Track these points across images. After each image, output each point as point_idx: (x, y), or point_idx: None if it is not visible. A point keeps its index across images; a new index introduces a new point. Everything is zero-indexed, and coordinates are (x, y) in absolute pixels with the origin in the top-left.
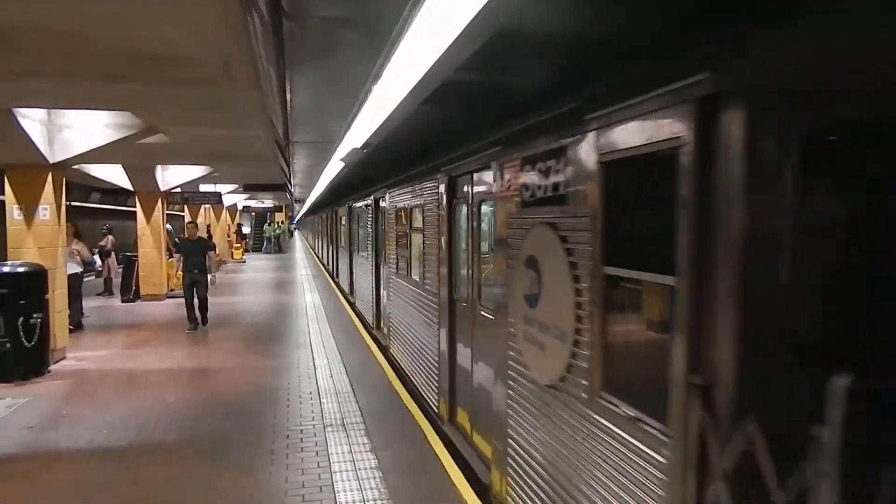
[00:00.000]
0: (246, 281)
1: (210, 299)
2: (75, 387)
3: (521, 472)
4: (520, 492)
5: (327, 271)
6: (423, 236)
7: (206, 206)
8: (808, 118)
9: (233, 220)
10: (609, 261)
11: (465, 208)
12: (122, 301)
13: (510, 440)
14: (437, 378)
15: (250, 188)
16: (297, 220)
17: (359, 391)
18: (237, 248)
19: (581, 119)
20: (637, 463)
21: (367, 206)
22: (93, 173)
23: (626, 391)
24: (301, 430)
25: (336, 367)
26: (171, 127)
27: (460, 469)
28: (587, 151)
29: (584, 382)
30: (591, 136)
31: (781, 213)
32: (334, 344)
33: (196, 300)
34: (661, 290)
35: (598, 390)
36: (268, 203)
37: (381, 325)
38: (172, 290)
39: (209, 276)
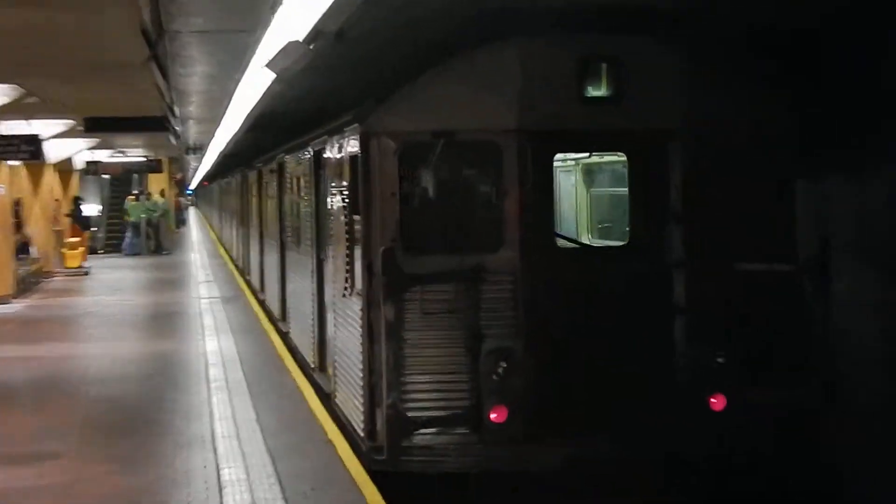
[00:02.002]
0: (84, 313)
1: (6, 348)
2: None
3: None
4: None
5: (251, 287)
6: None
7: (12, 162)
8: (400, 141)
9: (65, 189)
10: (353, 212)
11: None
12: None
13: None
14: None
15: (99, 126)
16: (192, 187)
17: None
18: (71, 248)
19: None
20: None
21: (301, 162)
22: None
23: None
24: None
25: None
26: None
27: None
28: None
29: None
30: (338, 142)
31: (392, 178)
32: (264, 444)
33: None
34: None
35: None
36: (135, 157)
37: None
38: None
39: None
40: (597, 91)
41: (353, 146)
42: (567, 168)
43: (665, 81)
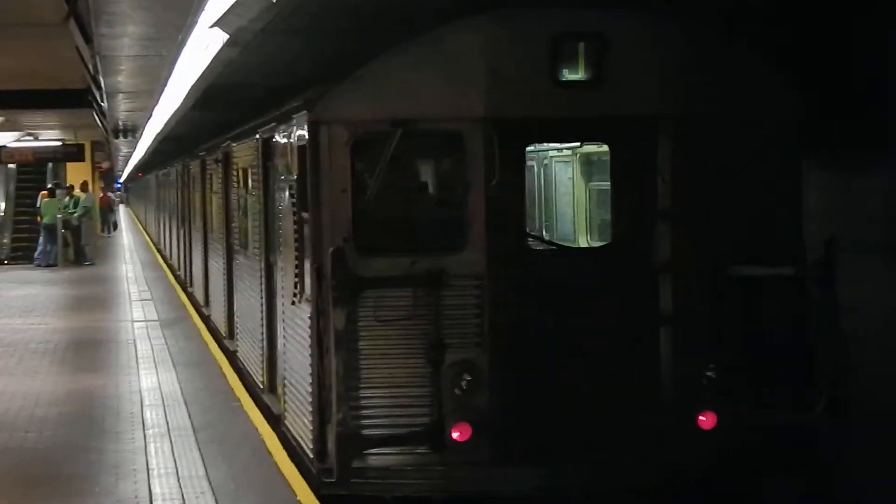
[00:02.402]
0: None
1: None
2: None
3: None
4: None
5: (193, 301)
6: None
7: None
8: (353, 130)
9: None
10: (302, 209)
11: None
12: None
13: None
14: None
15: (4, 101)
16: (123, 180)
17: None
18: None
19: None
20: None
21: (248, 152)
22: None
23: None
24: None
25: None
26: None
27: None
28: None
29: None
30: (286, 130)
31: (343, 170)
32: None
33: None
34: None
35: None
36: (49, 141)
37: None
38: None
39: None
40: (573, 74)
41: (301, 135)
42: (564, 158)
43: (652, 62)
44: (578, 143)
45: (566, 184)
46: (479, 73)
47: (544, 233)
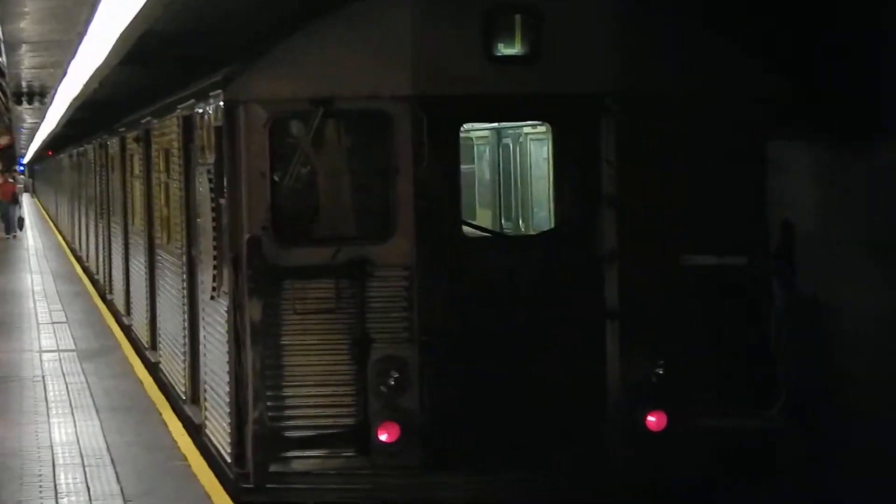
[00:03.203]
0: None
1: None
2: None
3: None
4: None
5: (112, 308)
6: None
7: None
8: (272, 110)
9: None
10: (220, 195)
11: None
12: None
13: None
14: None
15: None
16: (27, 160)
17: None
18: None
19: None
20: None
21: (169, 131)
22: None
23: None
24: None
25: None
26: None
27: None
28: (204, 120)
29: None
30: (204, 109)
31: (262, 153)
32: None
33: None
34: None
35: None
36: None
37: None
38: None
39: None
40: (509, 49)
41: (217, 115)
42: (538, 136)
43: (596, 36)
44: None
45: (542, 165)
46: (406, 48)
47: (521, 222)
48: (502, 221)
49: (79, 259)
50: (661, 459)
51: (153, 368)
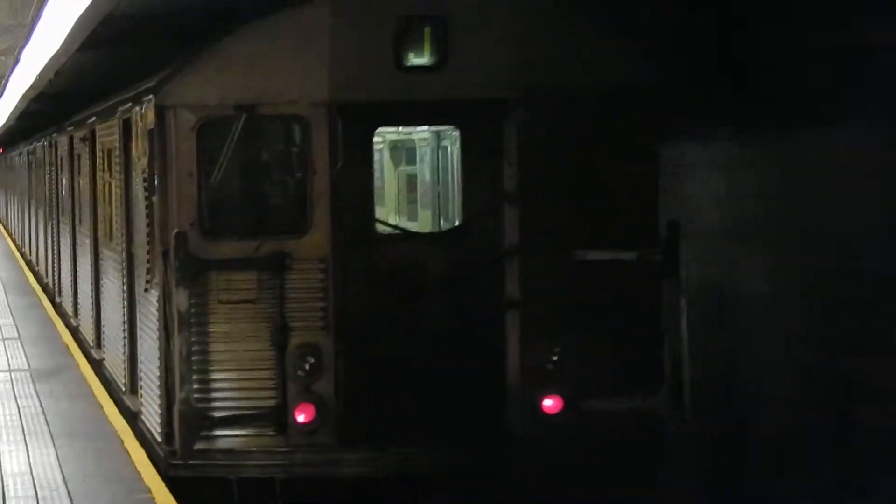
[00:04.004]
0: None
1: None
2: None
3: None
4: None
5: (60, 311)
6: None
7: None
8: (199, 115)
9: None
10: (152, 194)
11: None
12: None
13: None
14: None
15: None
16: None
17: None
18: None
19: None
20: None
21: (111, 131)
22: None
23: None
24: None
25: None
26: None
27: None
28: (140, 123)
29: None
30: (139, 112)
31: (189, 155)
32: None
33: None
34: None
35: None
36: None
37: None
38: None
39: None
40: (418, 58)
41: (150, 119)
42: None
43: (498, 43)
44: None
45: None
46: (322, 57)
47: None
48: (441, 221)
49: (29, 264)
50: (558, 440)
51: (98, 366)
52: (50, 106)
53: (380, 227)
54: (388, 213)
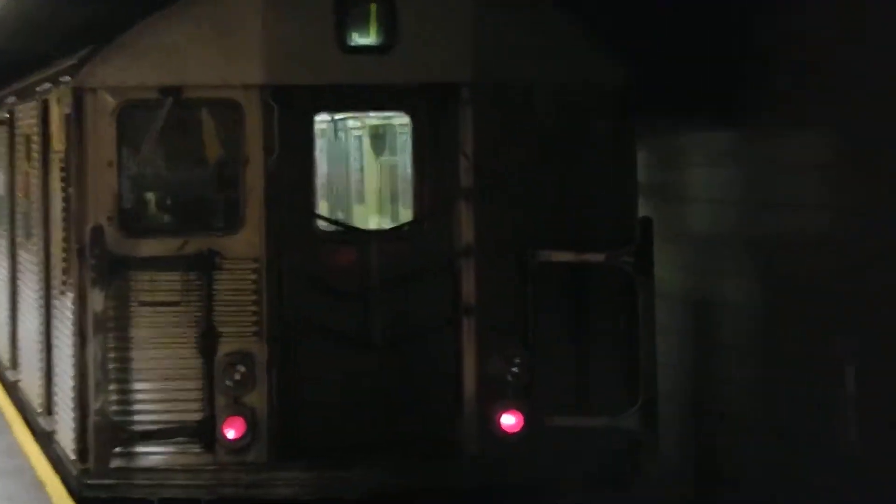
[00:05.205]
0: None
1: None
2: None
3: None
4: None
5: None
6: None
7: None
8: (119, 98)
9: None
10: (69, 185)
11: None
12: None
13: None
14: None
15: None
16: None
17: None
18: None
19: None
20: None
21: (29, 115)
22: None
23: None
24: None
25: None
26: None
27: None
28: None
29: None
30: (57, 95)
31: (109, 142)
32: None
33: None
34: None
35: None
36: None
37: None
38: None
39: None
40: (363, 38)
41: (66, 102)
42: None
43: (451, 24)
44: None
45: None
46: (256, 36)
47: None
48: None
49: None
50: (516, 460)
51: (13, 388)
52: None
53: (321, 224)
54: (370, 211)
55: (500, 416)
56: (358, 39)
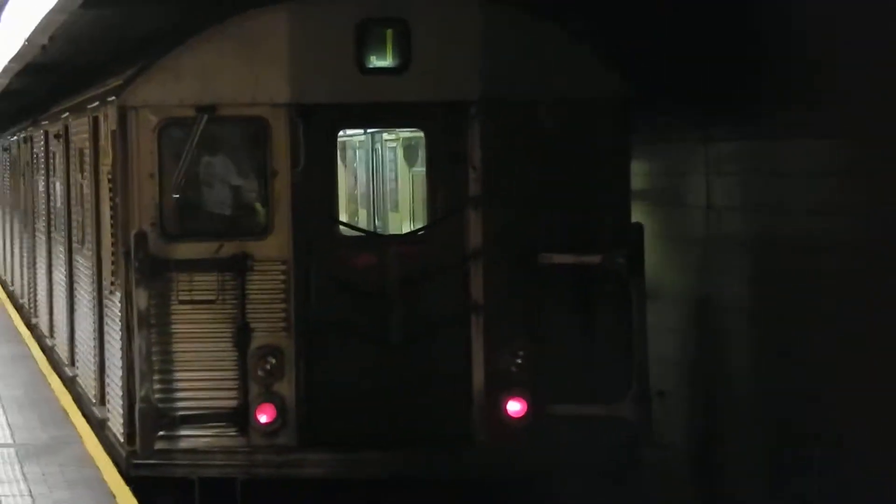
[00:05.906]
0: None
1: None
2: None
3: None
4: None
5: (36, 333)
6: None
7: None
8: (160, 116)
9: None
10: (116, 195)
11: None
12: None
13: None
14: None
15: None
16: None
17: None
18: None
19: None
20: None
21: (81, 129)
22: None
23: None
24: None
25: None
26: None
27: None
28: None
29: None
30: (105, 112)
31: (150, 156)
32: None
33: None
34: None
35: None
36: None
37: None
38: None
39: None
40: (380, 61)
41: (112, 119)
42: None
43: (459, 47)
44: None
45: None
46: (282, 59)
47: None
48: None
49: (13, 300)
50: (523, 444)
51: (71, 383)
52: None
53: (343, 230)
54: (403, 218)
55: (507, 402)
56: (375, 61)
